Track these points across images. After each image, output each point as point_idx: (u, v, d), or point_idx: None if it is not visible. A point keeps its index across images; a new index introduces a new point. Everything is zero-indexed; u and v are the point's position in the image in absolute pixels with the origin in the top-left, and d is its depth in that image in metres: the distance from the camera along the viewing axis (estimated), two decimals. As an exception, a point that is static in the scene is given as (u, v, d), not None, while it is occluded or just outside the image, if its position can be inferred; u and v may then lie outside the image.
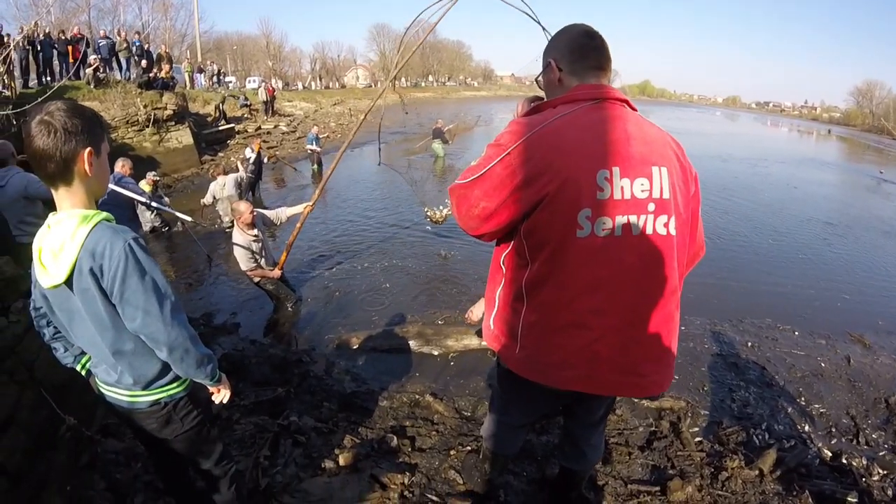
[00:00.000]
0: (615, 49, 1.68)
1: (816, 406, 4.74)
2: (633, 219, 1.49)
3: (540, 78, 1.76)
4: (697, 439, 3.86)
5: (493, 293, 1.77)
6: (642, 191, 1.49)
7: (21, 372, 2.44)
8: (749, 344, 5.77)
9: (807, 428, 4.38)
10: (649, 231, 1.51)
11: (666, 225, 1.54)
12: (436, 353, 5.23)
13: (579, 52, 1.63)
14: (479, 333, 2.36)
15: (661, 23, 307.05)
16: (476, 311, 2.35)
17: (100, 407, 2.95)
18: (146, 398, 1.76)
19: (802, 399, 4.82)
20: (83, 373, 1.91)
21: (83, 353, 1.86)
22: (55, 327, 1.82)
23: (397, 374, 4.92)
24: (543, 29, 4.51)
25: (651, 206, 1.51)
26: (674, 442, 3.70)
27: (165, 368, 1.74)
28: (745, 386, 4.92)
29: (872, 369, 5.43)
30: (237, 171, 9.96)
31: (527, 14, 4.92)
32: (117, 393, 1.78)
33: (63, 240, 1.53)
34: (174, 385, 1.79)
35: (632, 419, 4.13)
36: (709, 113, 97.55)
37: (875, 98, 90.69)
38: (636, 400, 4.31)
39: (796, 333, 6.11)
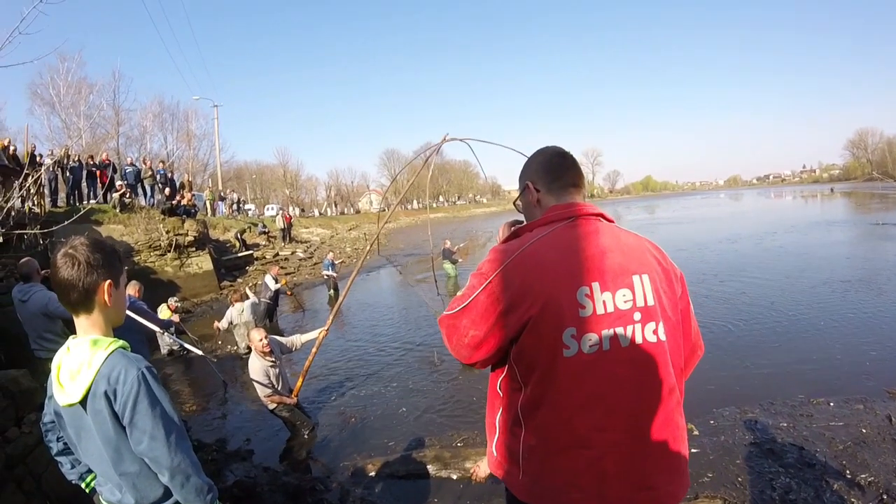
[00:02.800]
0: (614, 152, 1.79)
1: (863, 476, 4.40)
2: (619, 331, 1.50)
3: (518, 202, 1.84)
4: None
5: (493, 419, 1.76)
6: (625, 301, 1.52)
7: (29, 482, 2.46)
8: (783, 426, 5.46)
9: (857, 501, 4.07)
10: (639, 340, 1.52)
11: (655, 332, 1.54)
12: (455, 476, 5.02)
13: (554, 171, 1.71)
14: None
15: (657, 120, 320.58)
16: (482, 467, 2.28)
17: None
18: None
19: (848, 472, 4.49)
20: (87, 490, 1.94)
21: (89, 471, 1.92)
22: (64, 443, 1.89)
23: (415, 500, 4.72)
24: (523, 154, 4.88)
25: (637, 315, 1.52)
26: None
27: (168, 492, 1.76)
28: (785, 471, 4.60)
29: (918, 423, 5.12)
30: (248, 297, 10.17)
31: (512, 150, 5.39)
32: None
33: (81, 363, 1.65)
34: None
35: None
36: (713, 197, 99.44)
37: (869, 146, 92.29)
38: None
39: (831, 404, 5.82)
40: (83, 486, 1.94)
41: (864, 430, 5.18)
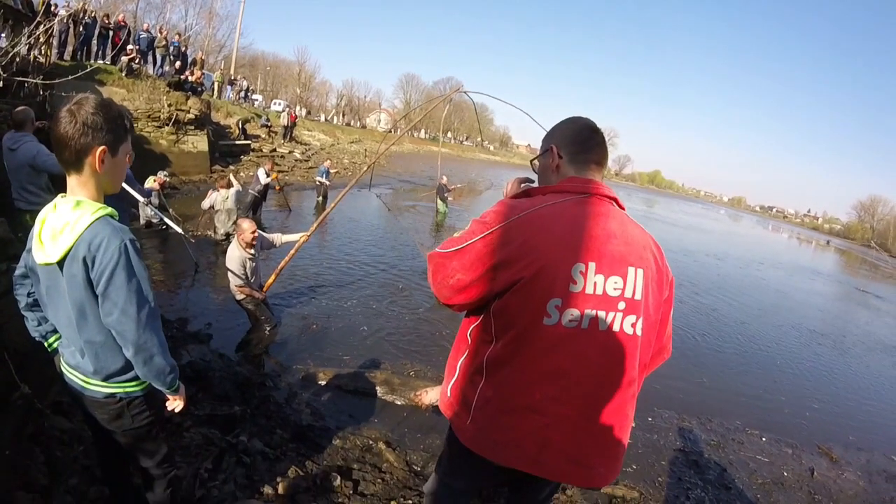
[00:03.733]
0: (630, 135, 1.78)
1: None
2: (601, 314, 1.53)
3: (536, 161, 1.83)
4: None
5: (454, 361, 1.79)
6: (615, 289, 1.54)
7: None
8: (713, 443, 5.71)
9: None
10: (616, 328, 1.55)
11: (633, 325, 1.57)
12: (399, 402, 5.18)
13: (582, 144, 1.70)
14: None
15: (680, 114, 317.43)
16: (430, 395, 2.32)
17: (56, 384, 2.93)
18: (103, 389, 1.80)
19: None
20: (49, 350, 1.96)
21: (54, 332, 1.92)
22: (34, 299, 1.88)
23: (356, 416, 4.87)
24: (538, 124, 4.99)
25: (621, 305, 1.55)
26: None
27: (128, 366, 1.78)
28: (703, 485, 4.84)
29: (836, 484, 5.39)
30: (233, 185, 10.08)
31: (524, 112, 5.44)
32: (76, 377, 1.82)
33: (65, 224, 1.61)
34: (133, 383, 1.83)
35: (582, 502, 4.07)
36: (713, 210, 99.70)
37: (877, 214, 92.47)
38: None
39: (763, 439, 6.06)
40: (46, 345, 1.95)
41: (785, 473, 5.42)
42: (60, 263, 1.62)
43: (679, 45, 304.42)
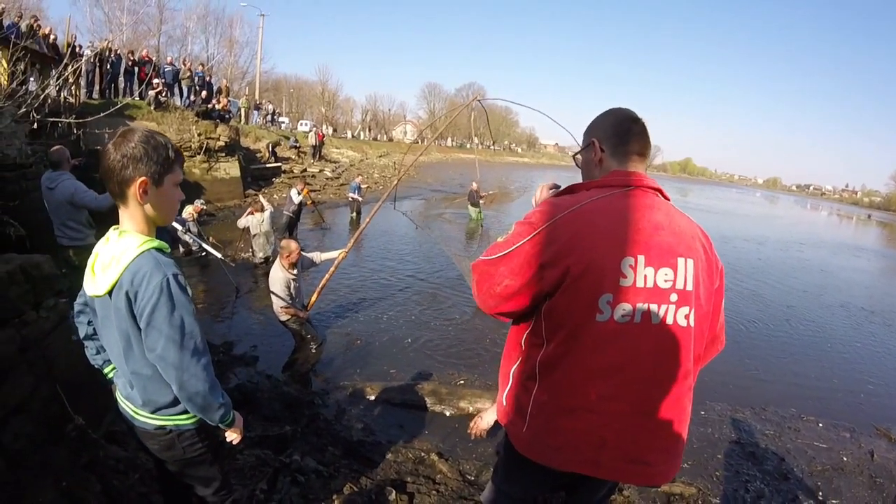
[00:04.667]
0: (658, 124, 1.71)
1: (834, 501, 4.48)
2: (653, 307, 1.50)
3: (578, 156, 1.79)
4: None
5: (507, 369, 1.76)
6: (665, 281, 1.50)
7: (41, 365, 2.50)
8: (769, 433, 5.52)
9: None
10: (669, 321, 1.52)
11: (687, 317, 1.53)
12: (448, 413, 5.12)
13: (624, 135, 1.66)
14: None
15: (706, 100, 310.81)
16: (486, 419, 2.23)
17: (110, 413, 2.97)
18: (152, 421, 1.78)
19: (820, 493, 4.56)
20: (108, 377, 1.96)
21: (111, 361, 1.91)
22: (93, 328, 1.88)
23: (407, 429, 4.83)
24: (558, 124, 4.96)
25: (673, 297, 1.51)
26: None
27: (177, 399, 1.74)
28: (762, 477, 4.67)
29: (896, 465, 5.15)
30: (265, 208, 10.22)
31: (542, 113, 5.43)
32: (128, 407, 1.82)
33: (113, 257, 1.61)
34: (183, 416, 1.80)
35: (639, 501, 3.93)
36: (748, 194, 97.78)
37: None
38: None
39: (820, 425, 5.85)
40: (106, 370, 1.96)
41: (844, 458, 5.21)
42: (109, 295, 1.62)
43: (698, 32, 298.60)
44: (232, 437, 1.93)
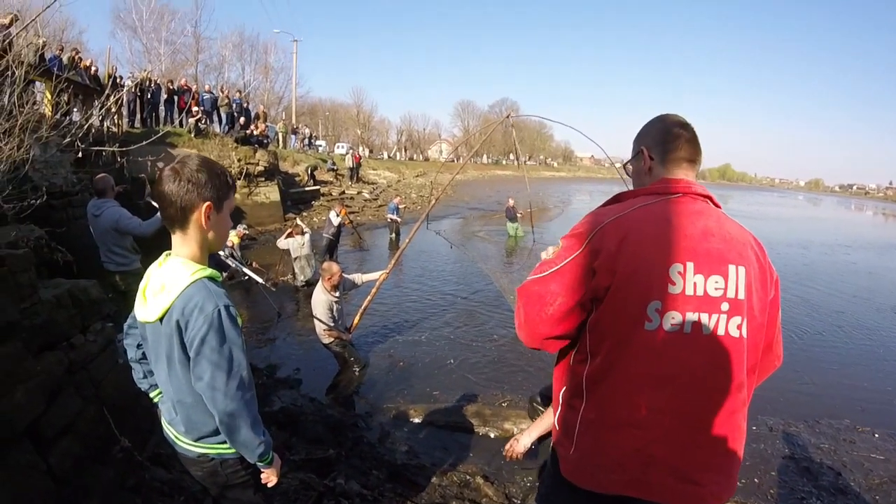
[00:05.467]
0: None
1: None
2: (703, 317, 1.42)
3: (629, 165, 1.75)
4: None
5: (557, 393, 1.69)
6: (716, 289, 1.43)
7: (88, 387, 2.53)
8: (824, 447, 5.25)
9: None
10: (720, 332, 1.43)
11: (739, 327, 1.45)
12: (493, 434, 5.00)
13: (672, 142, 1.61)
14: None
15: (743, 104, 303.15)
16: (522, 443, 2.13)
17: (154, 436, 2.98)
18: (194, 449, 1.78)
19: None
20: (155, 400, 1.96)
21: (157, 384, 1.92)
22: (142, 351, 1.89)
23: (451, 451, 4.73)
24: (593, 141, 4.92)
25: (724, 306, 1.43)
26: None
27: (219, 430, 1.73)
28: (818, 493, 4.45)
29: (959, 474, 4.79)
30: (304, 231, 10.34)
31: (574, 129, 5.39)
32: (171, 431, 1.82)
33: (164, 284, 1.62)
34: (225, 445, 1.77)
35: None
36: (790, 197, 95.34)
37: None
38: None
39: (876, 436, 5.54)
40: (152, 394, 1.97)
41: None
42: (161, 321, 1.63)
43: (732, 35, 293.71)
44: (267, 477, 1.88)
